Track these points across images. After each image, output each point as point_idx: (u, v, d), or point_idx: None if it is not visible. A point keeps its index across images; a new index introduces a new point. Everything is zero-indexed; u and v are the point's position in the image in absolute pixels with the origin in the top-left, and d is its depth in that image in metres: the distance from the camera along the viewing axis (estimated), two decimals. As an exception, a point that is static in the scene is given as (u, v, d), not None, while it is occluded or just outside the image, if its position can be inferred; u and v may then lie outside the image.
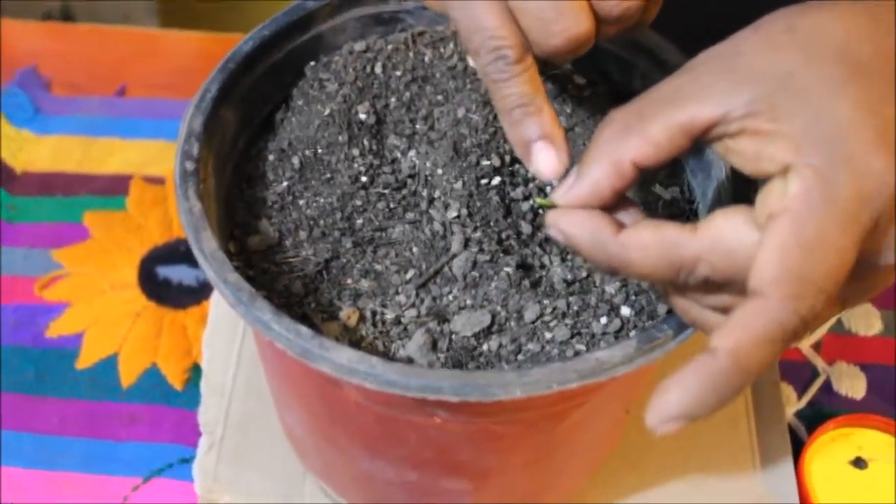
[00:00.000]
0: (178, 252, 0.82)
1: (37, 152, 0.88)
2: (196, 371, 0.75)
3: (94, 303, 0.79)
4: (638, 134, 0.47)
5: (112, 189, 0.86)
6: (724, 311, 0.47)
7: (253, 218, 0.59)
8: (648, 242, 0.46)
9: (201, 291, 0.80)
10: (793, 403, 0.75)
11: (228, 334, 0.76)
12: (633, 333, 0.55)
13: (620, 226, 0.48)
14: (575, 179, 0.49)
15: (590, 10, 0.51)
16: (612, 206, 0.49)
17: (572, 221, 0.48)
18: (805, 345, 0.78)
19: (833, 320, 0.79)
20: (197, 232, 0.52)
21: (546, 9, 0.50)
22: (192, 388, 0.75)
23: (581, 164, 0.49)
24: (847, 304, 0.47)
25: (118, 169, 0.87)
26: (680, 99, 0.47)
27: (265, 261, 0.57)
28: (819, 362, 0.77)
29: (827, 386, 0.77)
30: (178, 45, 0.97)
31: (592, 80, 0.65)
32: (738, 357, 0.42)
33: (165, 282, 0.80)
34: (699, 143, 0.48)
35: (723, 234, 0.45)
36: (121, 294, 0.79)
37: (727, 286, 0.46)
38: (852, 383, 0.76)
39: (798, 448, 0.72)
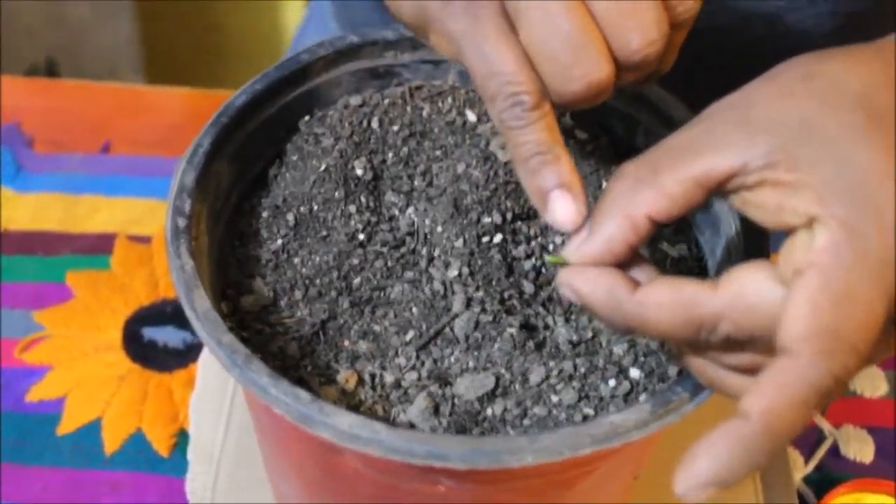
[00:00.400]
0: (164, 313, 0.80)
1: (18, 210, 0.85)
2: (183, 437, 0.73)
3: (76, 366, 0.76)
4: (652, 187, 0.45)
5: (96, 248, 0.83)
6: (744, 370, 0.45)
7: (246, 277, 0.57)
8: (666, 300, 0.44)
9: (188, 354, 0.77)
10: (800, 468, 0.73)
11: (217, 398, 0.73)
12: (643, 396, 0.53)
13: (635, 284, 0.46)
14: (587, 235, 0.47)
15: (610, 56, 0.48)
16: (626, 263, 0.47)
17: (586, 279, 0.46)
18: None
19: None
20: (189, 290, 0.50)
21: (565, 53, 0.47)
22: (178, 454, 0.72)
23: (593, 220, 0.47)
24: (871, 362, 0.45)
25: (102, 227, 0.85)
26: (695, 151, 0.45)
27: (259, 322, 0.55)
28: (825, 425, 0.75)
29: (834, 449, 0.75)
30: (164, 102, 0.95)
31: (595, 135, 0.64)
32: (770, 420, 0.40)
33: (151, 344, 0.78)
34: (715, 195, 0.46)
35: (745, 290, 0.43)
36: (104, 356, 0.77)
37: (749, 345, 0.44)
38: (860, 447, 0.74)
39: (807, 515, 0.70)
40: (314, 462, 0.54)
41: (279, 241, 0.58)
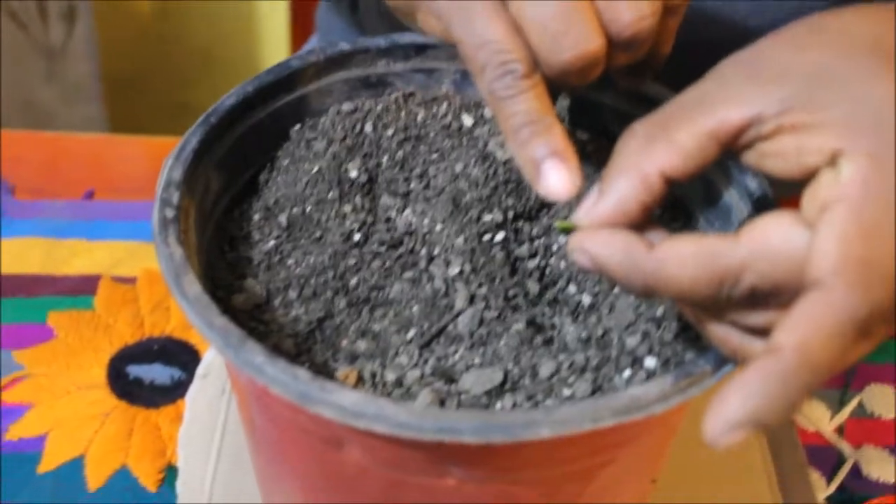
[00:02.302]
0: (150, 351, 0.76)
1: (-3, 255, 0.83)
2: (171, 472, 0.69)
3: (57, 404, 0.72)
4: (664, 143, 0.44)
5: (78, 290, 0.80)
6: (769, 334, 0.43)
7: (237, 278, 0.54)
8: (687, 254, 0.42)
9: (175, 390, 0.74)
10: (821, 489, 0.70)
11: (206, 430, 0.70)
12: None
13: (651, 244, 0.43)
14: (598, 197, 0.45)
15: (601, 29, 0.48)
16: (639, 227, 0.45)
17: (599, 241, 0.44)
18: (828, 429, 0.73)
19: (854, 403, 0.75)
20: (178, 277, 0.47)
21: (556, 22, 0.47)
22: (166, 489, 0.68)
23: (604, 180, 0.45)
24: None
25: (84, 270, 0.82)
26: (707, 104, 0.44)
27: (252, 320, 0.52)
28: (845, 447, 0.72)
29: (855, 471, 0.72)
30: (145, 150, 0.93)
31: (596, 137, 0.62)
32: (806, 353, 0.38)
33: (137, 381, 0.74)
34: (729, 150, 0.44)
35: (769, 236, 0.41)
36: (87, 394, 0.73)
37: (773, 298, 0.41)
38: (882, 467, 0.71)
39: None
40: (314, 462, 0.51)
41: (271, 243, 0.56)
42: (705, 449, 0.68)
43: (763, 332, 0.43)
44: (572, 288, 0.55)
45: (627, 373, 0.51)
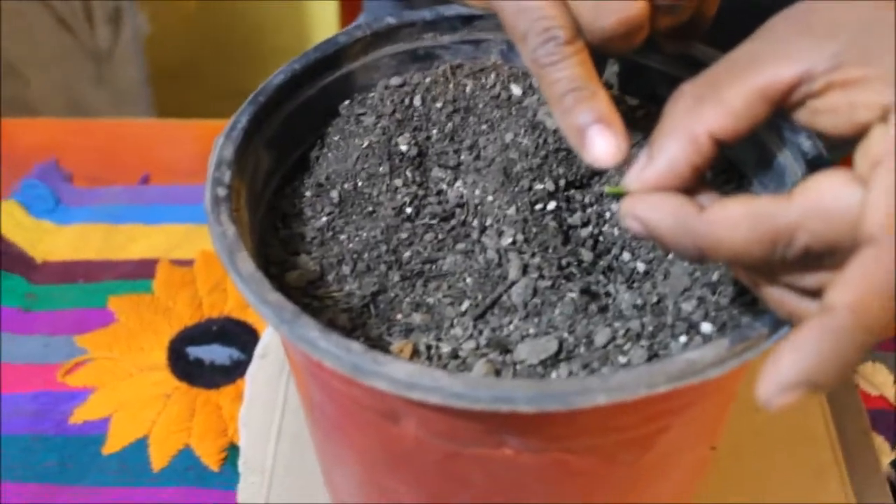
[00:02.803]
0: (209, 332, 0.77)
1: (56, 242, 0.84)
2: (233, 451, 0.69)
3: (120, 386, 0.73)
4: (713, 103, 0.43)
5: (137, 274, 0.81)
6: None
7: (290, 255, 0.54)
8: (739, 215, 0.41)
9: (235, 370, 0.74)
10: (886, 454, 0.69)
11: (266, 410, 0.70)
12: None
13: (702, 208, 0.43)
14: (647, 160, 0.44)
15: None
16: (691, 189, 0.44)
17: (650, 205, 0.43)
18: (892, 392, 0.72)
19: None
20: (232, 254, 0.48)
21: None
22: (229, 468, 0.69)
23: (652, 143, 0.44)
24: None
25: (142, 254, 0.83)
26: (756, 63, 0.43)
27: (306, 296, 0.52)
28: (907, 410, 0.71)
29: (919, 435, 0.71)
30: (198, 132, 0.94)
31: (644, 103, 0.61)
32: (860, 311, 0.37)
33: (197, 362, 0.75)
34: (781, 109, 0.44)
35: (822, 195, 0.40)
36: (149, 376, 0.74)
37: (828, 258, 0.41)
38: (947, 429, 0.70)
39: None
40: (371, 437, 0.51)
41: (324, 219, 0.56)
42: (767, 415, 0.67)
43: (819, 293, 0.42)
44: (626, 255, 0.54)
45: (683, 339, 0.50)
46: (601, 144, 0.47)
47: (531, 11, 0.47)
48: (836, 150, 0.50)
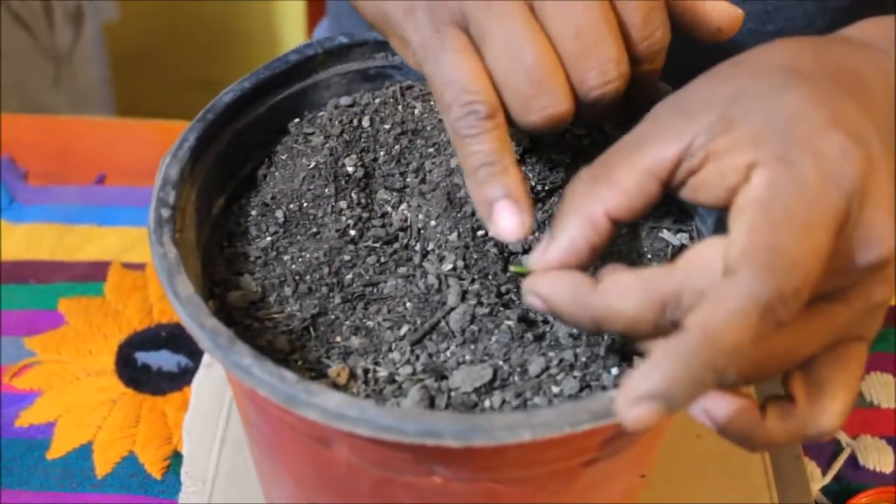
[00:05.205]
0: (158, 337, 0.77)
1: (10, 240, 0.84)
2: (176, 459, 0.70)
3: (67, 390, 0.74)
4: (608, 185, 0.46)
5: (89, 276, 0.81)
6: None
7: (234, 275, 0.55)
8: (629, 286, 0.44)
9: (183, 377, 0.75)
10: (817, 479, 0.70)
11: (210, 419, 0.71)
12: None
13: (597, 282, 0.45)
14: (548, 241, 0.47)
15: (570, 91, 0.50)
16: (590, 267, 0.47)
17: (549, 281, 0.46)
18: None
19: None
20: (171, 276, 0.48)
21: (527, 86, 0.49)
22: (171, 476, 0.69)
23: (553, 224, 0.47)
24: (866, 327, 0.46)
25: (95, 256, 0.83)
26: (643, 143, 0.46)
27: (247, 317, 0.53)
28: (842, 436, 0.73)
29: (851, 460, 0.72)
30: (156, 134, 0.94)
31: (589, 132, 0.62)
32: (708, 331, 0.39)
33: (144, 368, 0.76)
34: (669, 188, 0.46)
35: (701, 257, 0.43)
36: (96, 381, 0.75)
37: None
38: (880, 457, 0.71)
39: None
40: (306, 460, 0.52)
41: (268, 239, 0.56)
42: (700, 442, 0.69)
43: None
44: (565, 284, 0.55)
45: (615, 370, 0.51)
46: (507, 220, 0.49)
47: (457, 84, 0.49)
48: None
